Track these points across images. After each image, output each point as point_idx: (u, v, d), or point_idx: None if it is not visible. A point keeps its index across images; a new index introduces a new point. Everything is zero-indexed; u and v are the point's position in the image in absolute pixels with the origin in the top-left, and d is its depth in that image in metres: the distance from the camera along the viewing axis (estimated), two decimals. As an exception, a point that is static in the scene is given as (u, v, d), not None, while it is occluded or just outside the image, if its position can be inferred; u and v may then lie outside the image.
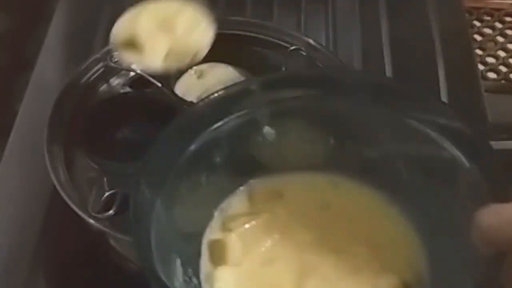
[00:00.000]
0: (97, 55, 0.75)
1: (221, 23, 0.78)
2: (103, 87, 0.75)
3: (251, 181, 0.60)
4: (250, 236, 0.57)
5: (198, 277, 0.55)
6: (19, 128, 0.79)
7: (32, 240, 0.70)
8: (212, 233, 0.58)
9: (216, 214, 0.59)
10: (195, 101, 0.73)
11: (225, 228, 0.58)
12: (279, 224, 0.58)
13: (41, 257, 0.70)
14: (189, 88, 0.75)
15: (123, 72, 0.76)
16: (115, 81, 0.75)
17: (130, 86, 0.75)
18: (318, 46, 0.75)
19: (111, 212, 0.63)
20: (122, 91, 0.75)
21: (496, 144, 0.66)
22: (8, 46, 0.94)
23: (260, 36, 0.76)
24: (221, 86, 0.74)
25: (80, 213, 0.62)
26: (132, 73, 0.76)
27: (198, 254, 0.57)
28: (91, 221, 0.62)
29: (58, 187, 0.64)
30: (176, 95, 0.73)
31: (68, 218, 0.63)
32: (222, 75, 0.76)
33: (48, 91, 0.78)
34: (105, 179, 0.66)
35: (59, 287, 0.69)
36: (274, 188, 0.60)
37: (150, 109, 0.73)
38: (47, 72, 0.85)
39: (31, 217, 0.72)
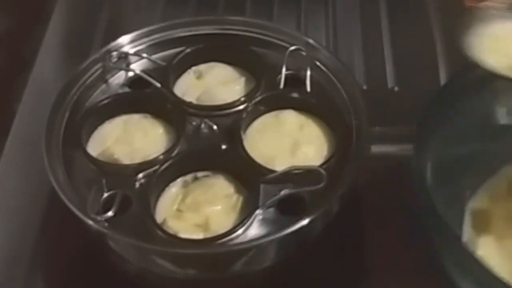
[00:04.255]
0: (96, 55, 0.75)
1: (221, 23, 0.78)
2: (102, 87, 0.75)
3: None
4: None
5: None
6: (18, 129, 0.78)
7: (31, 241, 0.70)
8: (476, 202, 0.61)
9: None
10: (194, 101, 0.73)
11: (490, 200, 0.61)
12: None
13: (40, 258, 0.69)
14: (188, 88, 0.75)
15: (121, 72, 0.75)
16: (114, 81, 0.75)
17: (129, 86, 0.75)
18: (318, 46, 0.75)
19: (110, 213, 0.63)
20: (121, 91, 0.75)
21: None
22: (7, 46, 0.94)
23: (260, 36, 0.76)
24: (221, 86, 0.74)
25: (79, 214, 0.62)
26: (131, 73, 0.75)
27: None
28: (90, 222, 0.62)
29: (56, 188, 0.63)
30: (175, 95, 0.73)
31: (67, 219, 0.63)
32: (221, 75, 0.75)
33: (46, 91, 0.78)
34: (104, 180, 0.66)
35: (57, 288, 0.69)
36: None
37: (149, 109, 0.72)
38: (46, 72, 0.85)
39: (29, 218, 0.72)
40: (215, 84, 0.75)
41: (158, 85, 0.73)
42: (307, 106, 0.71)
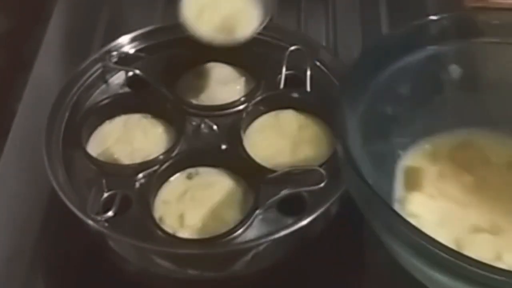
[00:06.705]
0: (96, 55, 0.75)
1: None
2: (102, 87, 0.75)
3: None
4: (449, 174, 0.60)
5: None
6: (18, 129, 0.78)
7: (31, 241, 0.70)
8: (409, 160, 0.62)
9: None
10: (194, 101, 0.73)
11: (428, 158, 0.62)
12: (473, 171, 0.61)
13: (40, 258, 0.69)
14: (188, 88, 0.75)
15: (121, 72, 0.75)
16: (114, 81, 0.75)
17: (129, 86, 0.75)
18: (318, 46, 0.75)
19: (110, 213, 0.63)
20: (121, 91, 0.75)
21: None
22: (7, 46, 0.94)
23: (260, 36, 0.76)
24: (221, 86, 0.74)
25: (79, 214, 0.62)
26: (131, 73, 0.75)
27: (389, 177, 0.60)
28: (90, 222, 0.62)
29: (56, 188, 0.64)
30: (175, 95, 0.73)
31: (67, 219, 0.63)
32: (221, 75, 0.75)
33: (46, 91, 0.77)
34: (104, 180, 0.66)
35: (57, 288, 0.69)
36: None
37: (149, 109, 0.72)
38: (46, 72, 0.85)
39: (30, 218, 0.71)
40: (215, 84, 0.75)
41: (158, 85, 0.73)
42: (307, 106, 0.71)
